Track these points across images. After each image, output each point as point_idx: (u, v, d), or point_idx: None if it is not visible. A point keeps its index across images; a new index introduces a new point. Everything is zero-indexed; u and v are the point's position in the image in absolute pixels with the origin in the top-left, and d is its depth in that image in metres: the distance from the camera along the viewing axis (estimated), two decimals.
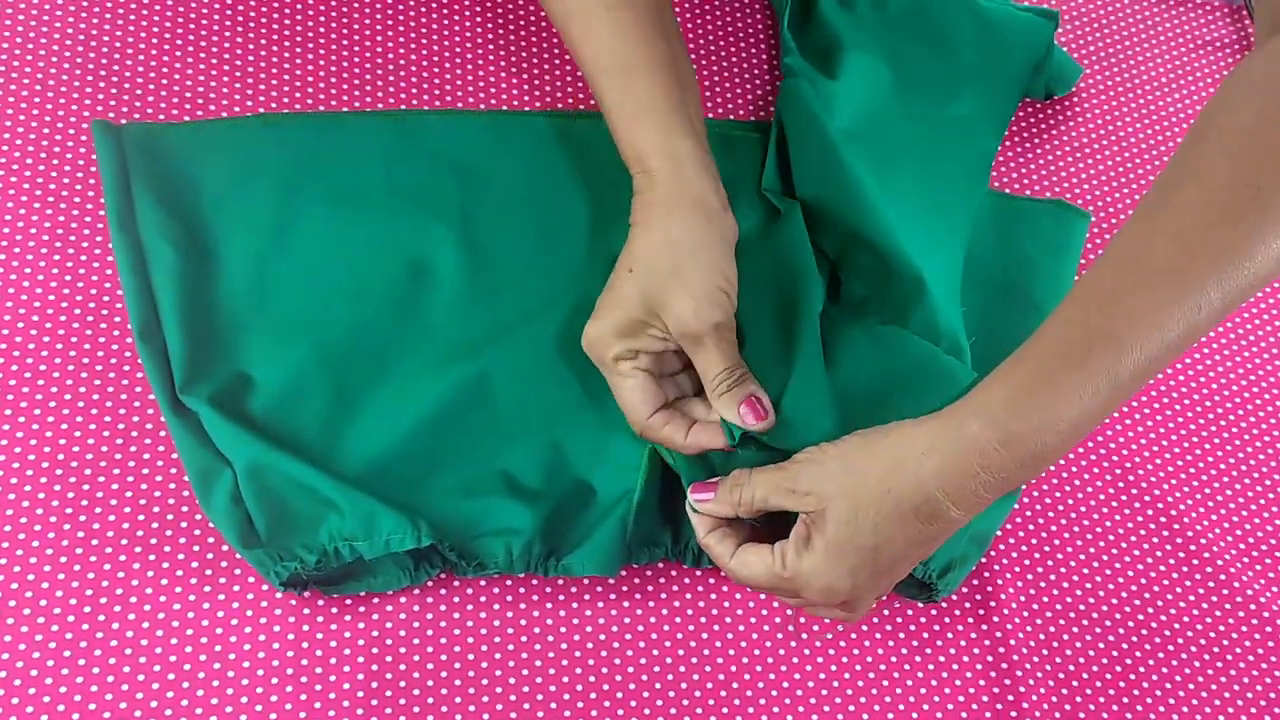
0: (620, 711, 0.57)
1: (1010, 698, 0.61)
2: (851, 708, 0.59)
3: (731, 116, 0.72)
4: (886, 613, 0.62)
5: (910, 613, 0.62)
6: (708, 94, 0.72)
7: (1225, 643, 0.65)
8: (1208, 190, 0.45)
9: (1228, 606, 0.65)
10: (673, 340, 0.56)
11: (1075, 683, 0.62)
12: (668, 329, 0.55)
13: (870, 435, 0.51)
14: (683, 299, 0.54)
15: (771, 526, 0.55)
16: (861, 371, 0.61)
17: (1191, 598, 0.65)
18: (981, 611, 0.63)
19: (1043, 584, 0.64)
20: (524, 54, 0.71)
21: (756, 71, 0.74)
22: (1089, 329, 0.46)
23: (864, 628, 0.61)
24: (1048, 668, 0.62)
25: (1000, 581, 0.63)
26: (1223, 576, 0.66)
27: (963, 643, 0.62)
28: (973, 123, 0.72)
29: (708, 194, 0.57)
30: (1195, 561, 0.66)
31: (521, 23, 0.72)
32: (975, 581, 0.63)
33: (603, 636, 0.59)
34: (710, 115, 0.72)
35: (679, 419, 0.57)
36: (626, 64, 0.58)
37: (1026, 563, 0.64)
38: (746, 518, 0.55)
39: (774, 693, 0.59)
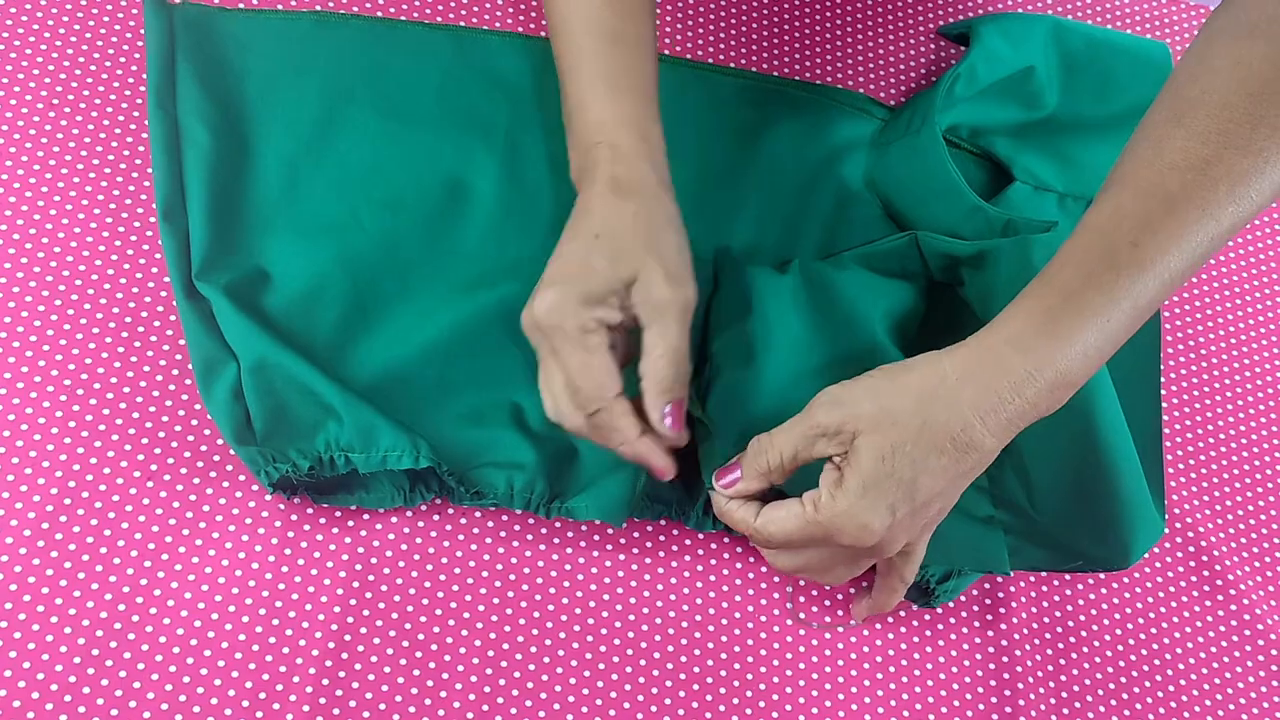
0: (601, 665, 0.55)
1: (1008, 710, 0.58)
2: (841, 696, 0.57)
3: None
4: None
5: (915, 608, 0.59)
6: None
7: (1238, 669, 0.62)
8: (1220, 120, 0.47)
9: (1246, 633, 0.63)
10: (628, 317, 0.51)
11: (1077, 703, 0.59)
12: (630, 301, 0.50)
13: (893, 370, 0.49)
14: (656, 268, 0.50)
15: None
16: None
17: (1209, 618, 0.63)
18: (989, 617, 0.60)
19: (1056, 597, 0.61)
20: None
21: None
22: (1114, 254, 0.47)
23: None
24: (1051, 685, 0.59)
25: (1012, 589, 0.61)
26: (1245, 601, 0.63)
27: (965, 646, 0.59)
28: None
29: (669, 180, 0.54)
30: (1217, 583, 0.63)
31: None
32: (986, 585, 0.61)
33: (593, 587, 0.57)
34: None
35: (634, 414, 0.51)
36: (616, 33, 0.55)
37: (1036, 576, 0.61)
38: (777, 484, 0.51)
39: (763, 669, 0.57)
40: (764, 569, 0.59)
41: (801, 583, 0.59)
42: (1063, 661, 0.60)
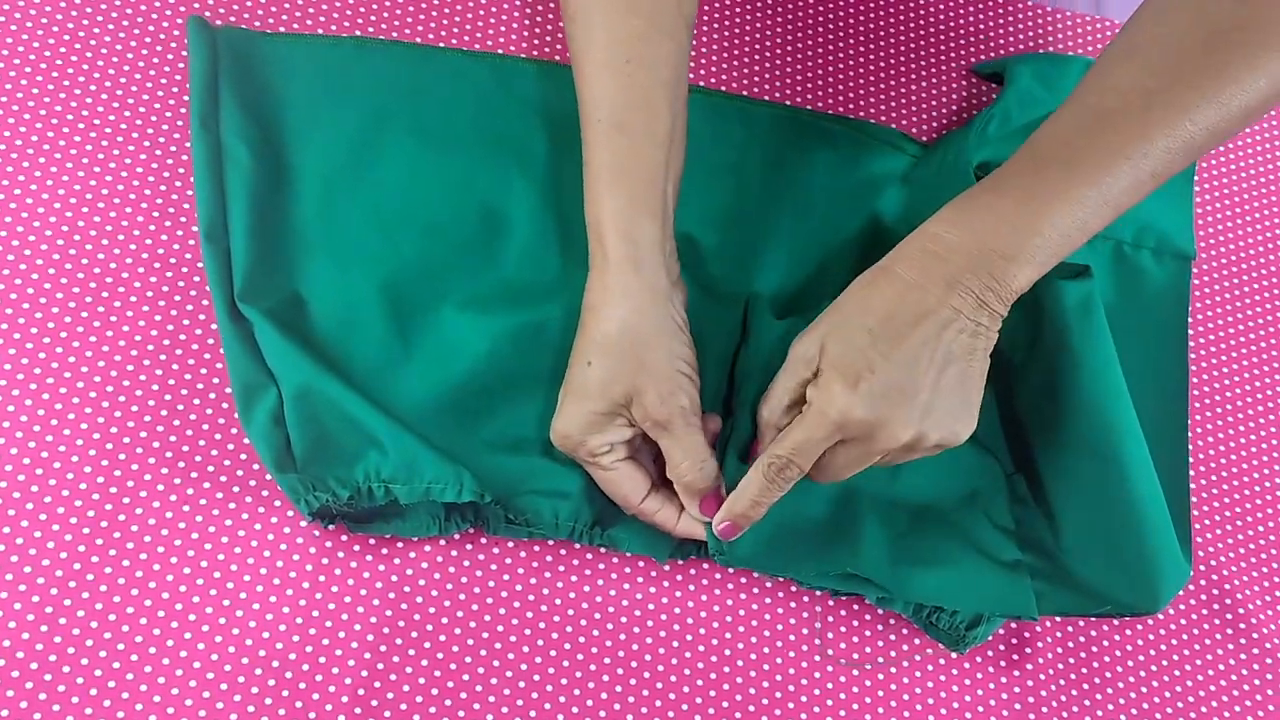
0: (631, 699, 0.55)
1: None
2: None
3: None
4: (918, 642, 0.59)
5: (941, 648, 0.59)
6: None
7: (1261, 714, 0.62)
8: (1173, 57, 0.50)
9: (1269, 676, 0.63)
10: (639, 430, 0.54)
11: None
12: (634, 418, 0.53)
13: (850, 287, 0.53)
14: (647, 389, 0.52)
15: None
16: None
17: (1232, 661, 0.63)
18: (1015, 657, 0.60)
19: (1081, 638, 0.61)
20: None
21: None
22: (1044, 170, 0.51)
23: (892, 654, 0.59)
24: None
25: (1037, 629, 0.61)
26: (1269, 645, 0.64)
27: (991, 685, 0.59)
28: None
29: (659, 280, 0.54)
30: (1240, 627, 0.63)
31: None
32: (1012, 625, 0.61)
33: (624, 619, 0.57)
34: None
35: (670, 504, 0.55)
36: (621, 124, 0.54)
37: (1061, 618, 0.62)
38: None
39: (790, 705, 0.57)
40: (793, 605, 0.59)
41: (830, 620, 0.59)
42: (1087, 703, 0.60)
